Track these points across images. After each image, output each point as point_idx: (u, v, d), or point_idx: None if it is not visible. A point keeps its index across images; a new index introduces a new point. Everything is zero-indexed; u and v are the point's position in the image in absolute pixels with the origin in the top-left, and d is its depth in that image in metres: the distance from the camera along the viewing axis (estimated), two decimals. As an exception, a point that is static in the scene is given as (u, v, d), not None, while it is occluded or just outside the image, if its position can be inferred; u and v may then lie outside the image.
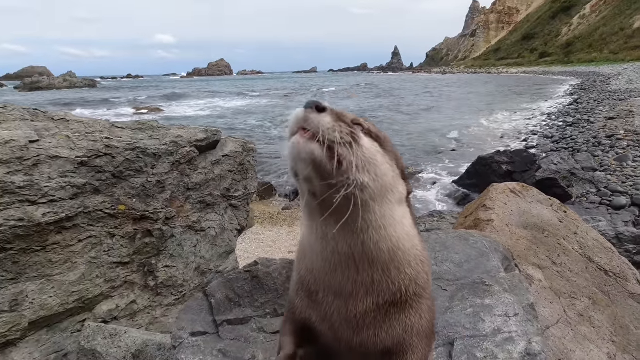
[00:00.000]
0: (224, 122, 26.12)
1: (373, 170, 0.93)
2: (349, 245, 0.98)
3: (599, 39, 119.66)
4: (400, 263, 1.04)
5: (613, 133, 14.03)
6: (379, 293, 1.05)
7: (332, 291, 1.08)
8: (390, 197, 0.99)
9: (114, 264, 2.18)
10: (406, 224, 1.06)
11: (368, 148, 0.94)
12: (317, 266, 1.08)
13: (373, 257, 1.00)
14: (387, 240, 1.00)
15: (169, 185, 2.42)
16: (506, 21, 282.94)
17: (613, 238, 4.29)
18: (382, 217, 0.97)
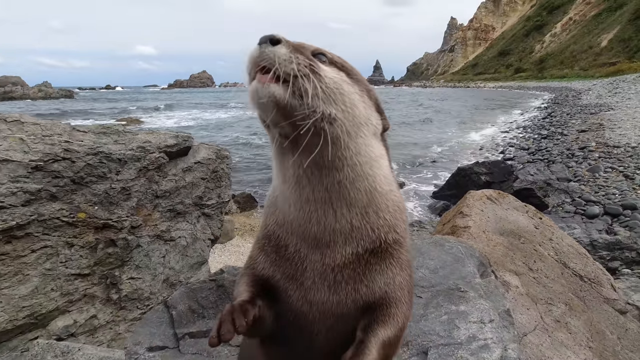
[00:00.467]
0: (207, 133, 25.83)
1: (340, 100, 0.88)
2: (325, 188, 0.92)
3: (569, 56, 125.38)
4: (378, 207, 0.98)
5: (585, 145, 14.56)
6: (359, 241, 0.97)
7: (307, 244, 0.99)
8: (364, 130, 0.93)
9: (72, 276, 2.03)
10: (383, 165, 1.00)
11: (331, 77, 0.88)
12: (291, 217, 1.00)
13: (351, 199, 0.94)
14: (364, 179, 0.94)
15: (135, 193, 2.30)
16: (483, 38, 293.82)
17: (587, 245, 4.36)
18: (357, 154, 0.91)
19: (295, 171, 0.91)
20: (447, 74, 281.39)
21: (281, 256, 1.04)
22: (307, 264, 1.00)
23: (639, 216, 8.15)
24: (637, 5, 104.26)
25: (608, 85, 44.30)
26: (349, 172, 0.91)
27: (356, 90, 0.93)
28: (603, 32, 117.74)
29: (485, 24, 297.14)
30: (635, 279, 3.67)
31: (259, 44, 0.83)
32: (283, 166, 0.94)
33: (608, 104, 26.38)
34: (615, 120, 19.05)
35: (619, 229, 7.91)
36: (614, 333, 2.21)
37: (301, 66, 0.82)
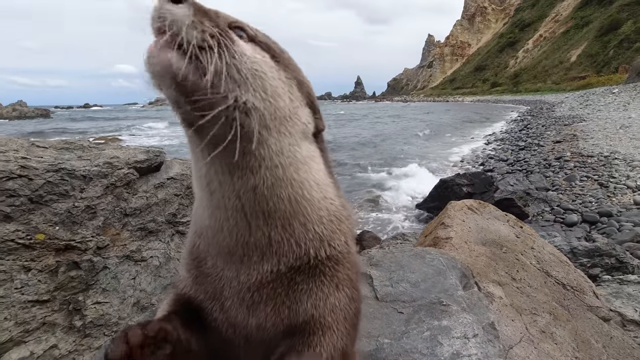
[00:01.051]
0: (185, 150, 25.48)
1: (260, 86, 0.71)
2: (236, 194, 0.75)
3: (542, 71, 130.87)
4: (307, 218, 0.81)
5: (561, 155, 15.03)
6: (280, 257, 0.81)
7: (222, 257, 0.84)
8: (289, 127, 0.77)
9: (29, 303, 1.87)
10: (314, 167, 0.83)
11: (249, 56, 0.71)
12: (206, 225, 0.84)
13: (269, 209, 0.77)
14: (287, 185, 0.77)
15: (101, 211, 2.17)
16: (459, 54, 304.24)
17: (568, 252, 4.39)
18: (278, 153, 0.75)
19: (207, 172, 0.77)
20: (427, 88, 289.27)
21: (201, 272, 0.90)
22: (225, 281, 0.86)
23: (615, 223, 8.38)
24: (601, 23, 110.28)
25: (579, 98, 46.27)
26: (267, 175, 0.75)
27: (282, 77, 0.78)
28: (572, 48, 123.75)
29: (461, 40, 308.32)
30: (615, 285, 3.69)
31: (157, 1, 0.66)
32: (196, 165, 0.80)
33: (580, 116, 27.48)
34: (588, 130, 19.80)
35: (597, 236, 8.09)
36: (599, 342, 2.18)
37: (206, 35, 0.65)
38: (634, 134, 16.99)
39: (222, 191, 0.77)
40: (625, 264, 4.26)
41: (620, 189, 10.64)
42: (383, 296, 1.54)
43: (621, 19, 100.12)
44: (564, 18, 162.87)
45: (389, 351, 1.31)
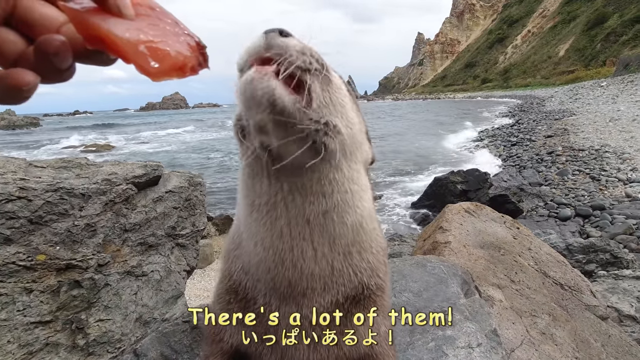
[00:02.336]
0: (183, 156, 25.38)
1: (346, 115, 0.73)
2: (306, 219, 0.75)
3: (531, 66, 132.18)
4: (362, 247, 0.84)
5: (552, 150, 15.19)
6: (339, 287, 0.83)
7: (278, 293, 0.83)
8: (359, 156, 0.80)
9: (32, 325, 1.86)
10: (370, 199, 0.86)
11: (339, 86, 0.74)
12: (257, 259, 0.83)
13: (335, 235, 0.79)
14: (353, 211, 0.79)
15: (101, 228, 2.16)
16: (449, 51, 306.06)
17: (564, 249, 4.45)
18: (350, 180, 0.77)
19: (271, 197, 0.75)
20: (418, 86, 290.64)
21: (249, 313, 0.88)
22: (281, 319, 0.85)
23: (608, 216, 8.50)
24: (588, 18, 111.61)
25: (569, 92, 46.79)
26: (339, 200, 0.76)
27: (354, 109, 0.81)
28: (560, 43, 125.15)
29: (450, 38, 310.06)
30: (611, 281, 3.75)
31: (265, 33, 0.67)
32: (253, 190, 0.78)
33: (570, 110, 27.79)
34: (578, 124, 20.03)
35: (591, 229, 8.19)
36: (598, 340, 2.22)
37: (314, 59, 0.67)
38: (623, 126, 17.22)
39: (288, 217, 0.76)
40: (620, 259, 4.33)
41: (611, 181, 10.79)
42: (387, 307, 1.57)
43: (607, 12, 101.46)
44: (551, 13, 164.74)
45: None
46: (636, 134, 15.05)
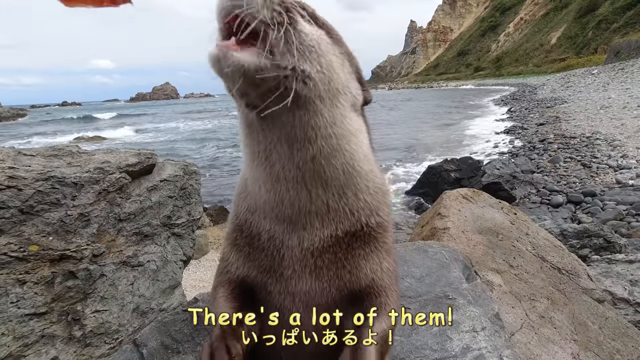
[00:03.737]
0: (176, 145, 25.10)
1: (316, 60, 0.76)
2: (296, 165, 0.81)
3: (523, 54, 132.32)
4: (357, 188, 0.89)
5: (544, 137, 15.29)
6: (337, 224, 0.89)
7: (281, 228, 0.90)
8: (341, 99, 0.82)
9: (26, 317, 1.82)
10: (363, 141, 0.89)
11: (308, 32, 0.76)
12: (262, 200, 0.89)
13: (326, 178, 0.83)
14: (340, 154, 0.83)
15: (95, 218, 2.11)
16: (442, 39, 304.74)
17: (559, 235, 4.49)
18: (332, 124, 0.80)
19: (266, 146, 0.81)
20: (411, 75, 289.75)
21: (255, 247, 0.94)
22: (285, 251, 0.91)
23: (599, 202, 8.61)
24: (580, 5, 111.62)
25: (560, 80, 47.00)
26: (323, 144, 0.80)
27: (336, 52, 0.82)
28: (552, 31, 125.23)
29: (443, 26, 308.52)
30: (604, 265, 3.79)
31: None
32: (251, 141, 0.84)
33: (562, 98, 27.94)
34: (570, 112, 20.17)
35: (582, 216, 8.31)
36: (595, 323, 2.25)
37: (276, 12, 0.70)
38: (613, 114, 17.37)
39: (281, 163, 0.81)
40: (613, 244, 4.38)
41: (602, 168, 10.91)
42: (389, 293, 1.55)
43: (599, 0, 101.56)
44: (543, 1, 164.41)
45: (399, 349, 1.32)
46: (626, 121, 15.20)
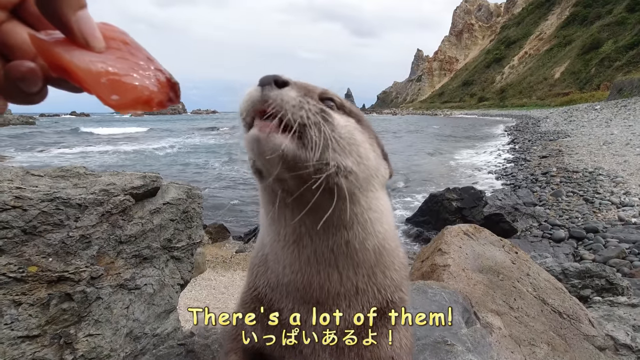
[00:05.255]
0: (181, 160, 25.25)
1: (355, 151, 0.77)
2: (330, 248, 0.81)
3: (527, 87, 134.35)
4: (386, 266, 0.90)
5: (547, 170, 15.32)
6: (364, 304, 0.89)
7: (306, 308, 0.89)
8: (374, 182, 0.84)
9: (19, 339, 1.80)
10: (390, 218, 0.91)
11: (343, 125, 0.78)
12: (286, 280, 0.89)
13: (358, 260, 0.84)
14: (374, 237, 0.85)
15: (96, 240, 2.11)
16: (447, 68, 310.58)
17: (560, 273, 4.44)
18: (368, 209, 0.82)
19: (296, 229, 0.81)
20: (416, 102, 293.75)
21: (274, 322, 0.94)
22: (306, 329, 0.90)
23: (601, 239, 8.53)
24: (583, 42, 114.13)
25: (563, 114, 47.48)
26: (359, 230, 0.82)
27: (366, 138, 0.84)
28: (555, 65, 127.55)
29: (449, 55, 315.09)
30: (606, 307, 3.72)
31: (261, 85, 0.71)
32: (279, 223, 0.84)
33: (565, 131, 28.16)
34: (572, 146, 20.27)
35: (584, 252, 8.22)
36: (597, 372, 2.20)
37: (311, 112, 0.71)
38: (616, 150, 17.45)
39: (314, 247, 0.82)
40: (615, 285, 4.32)
41: (605, 204, 10.87)
42: (387, 334, 1.53)
43: (602, 38, 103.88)
44: (548, 36, 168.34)
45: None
46: (629, 158, 15.25)
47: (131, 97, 0.48)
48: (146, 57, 0.52)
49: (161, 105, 0.52)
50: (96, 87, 0.46)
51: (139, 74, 0.49)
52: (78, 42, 0.44)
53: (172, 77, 0.54)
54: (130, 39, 0.52)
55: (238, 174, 19.60)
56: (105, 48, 0.47)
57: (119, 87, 0.47)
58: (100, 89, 0.46)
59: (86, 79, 0.45)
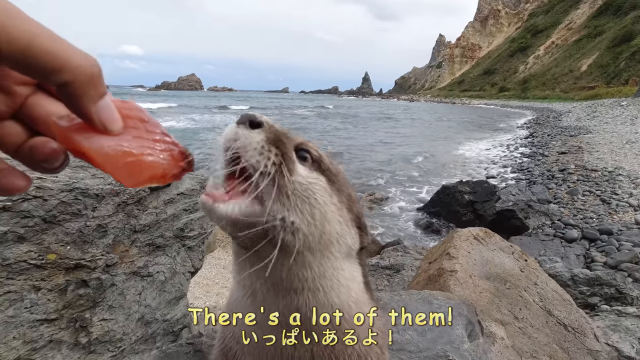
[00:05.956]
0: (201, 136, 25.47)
1: (308, 211, 0.73)
2: (281, 311, 0.78)
3: (551, 78, 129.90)
4: (347, 343, 0.83)
5: (565, 167, 14.95)
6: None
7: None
8: (333, 250, 0.78)
9: (37, 322, 1.89)
10: (354, 289, 0.84)
11: (304, 182, 0.74)
12: (246, 333, 0.86)
13: (313, 329, 0.80)
14: (328, 308, 0.79)
15: (112, 229, 2.18)
16: (469, 56, 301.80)
17: (569, 279, 4.40)
18: (320, 277, 0.77)
19: (252, 283, 0.80)
20: (434, 89, 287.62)
21: None
22: None
23: (615, 242, 8.35)
24: (615, 34, 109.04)
25: (587, 109, 45.90)
26: (310, 297, 0.77)
27: (334, 201, 0.79)
28: (583, 57, 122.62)
29: (472, 42, 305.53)
30: (614, 317, 3.69)
31: (237, 123, 0.72)
32: (241, 270, 0.82)
33: (587, 127, 27.28)
34: (594, 143, 19.67)
35: (596, 254, 8.08)
36: (598, 387, 2.20)
37: (269, 161, 0.70)
38: (639, 150, 16.89)
39: (266, 304, 0.79)
40: (625, 295, 4.26)
41: (622, 206, 10.60)
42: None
43: (635, 30, 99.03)
44: (578, 26, 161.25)
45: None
46: (653, 160, 14.76)
47: (147, 176, 0.51)
48: (161, 133, 0.55)
49: (175, 178, 0.55)
50: (114, 171, 0.49)
51: (155, 152, 0.52)
52: (97, 128, 0.46)
53: (186, 150, 0.57)
54: (147, 115, 0.54)
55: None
56: (123, 128, 0.49)
57: (136, 167, 0.49)
58: (118, 172, 0.49)
59: (104, 165, 0.47)
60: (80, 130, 0.46)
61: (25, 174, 0.48)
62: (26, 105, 0.46)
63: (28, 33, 0.37)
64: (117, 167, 0.48)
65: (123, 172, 0.49)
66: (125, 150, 0.49)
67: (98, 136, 0.47)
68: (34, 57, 0.37)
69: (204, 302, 5.94)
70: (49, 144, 0.46)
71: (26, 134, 0.47)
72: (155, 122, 0.55)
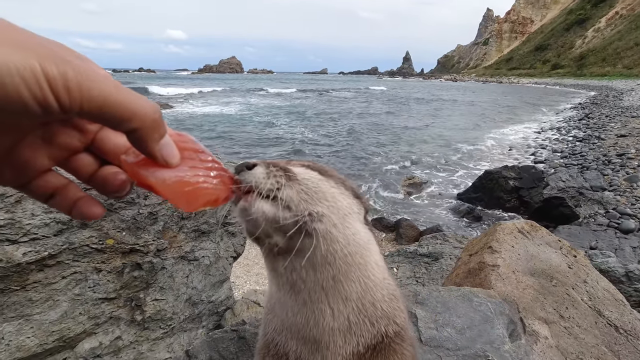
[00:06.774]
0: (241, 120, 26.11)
1: (323, 197, 0.88)
2: (321, 286, 0.90)
3: (613, 53, 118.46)
4: (373, 297, 0.96)
5: (624, 151, 13.81)
6: (359, 338, 0.95)
7: (307, 348, 0.96)
8: (349, 220, 0.93)
9: (99, 300, 2.09)
10: (373, 250, 0.97)
11: (307, 177, 0.90)
12: (289, 323, 0.98)
13: (345, 292, 0.92)
14: (356, 269, 0.92)
15: (161, 216, 2.32)
16: (520, 31, 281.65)
17: (623, 276, 4.13)
18: (347, 244, 0.90)
19: (289, 277, 0.91)
20: (480, 67, 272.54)
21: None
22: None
23: (678, 236, 7.69)
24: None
25: (654, 86, 41.59)
26: (341, 264, 0.89)
27: (332, 184, 0.94)
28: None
29: (523, 16, 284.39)
30: (673, 318, 3.44)
31: (237, 173, 0.84)
32: (276, 274, 0.93)
33: (653, 108, 24.81)
34: (660, 126, 17.92)
35: (656, 248, 7.49)
36: (650, 394, 2.08)
37: (277, 177, 0.83)
38: None
39: (307, 288, 0.90)
40: (687, 295, 3.94)
41: (688, 197, 9.68)
42: (427, 340, 1.56)
43: None
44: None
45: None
46: None
47: (203, 202, 0.59)
48: (212, 160, 0.63)
49: (226, 201, 0.63)
50: (175, 199, 0.56)
51: (208, 179, 0.60)
52: (159, 163, 0.53)
53: (234, 175, 0.65)
54: (200, 146, 0.62)
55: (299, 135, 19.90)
56: (180, 160, 0.55)
57: (192, 195, 0.57)
58: (179, 201, 0.56)
59: (167, 195, 0.55)
60: (145, 165, 0.53)
61: (100, 203, 0.55)
62: (96, 140, 0.53)
63: (104, 92, 0.42)
64: (177, 196, 0.56)
65: (182, 200, 0.56)
66: (183, 180, 0.56)
67: (160, 170, 0.53)
68: (109, 112, 0.43)
69: (245, 280, 6.22)
70: (119, 175, 0.53)
71: (97, 164, 0.54)
72: (207, 151, 0.62)
